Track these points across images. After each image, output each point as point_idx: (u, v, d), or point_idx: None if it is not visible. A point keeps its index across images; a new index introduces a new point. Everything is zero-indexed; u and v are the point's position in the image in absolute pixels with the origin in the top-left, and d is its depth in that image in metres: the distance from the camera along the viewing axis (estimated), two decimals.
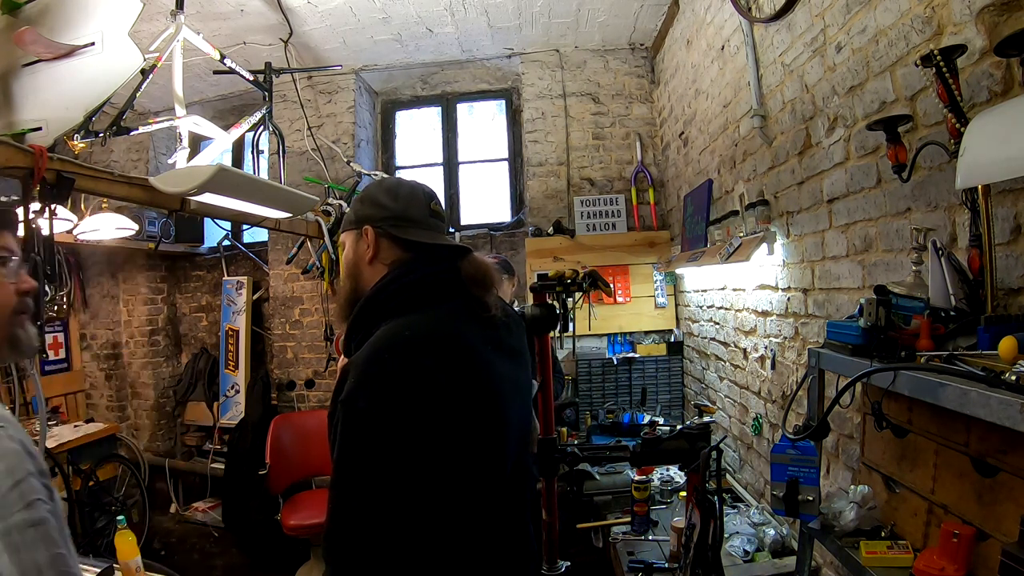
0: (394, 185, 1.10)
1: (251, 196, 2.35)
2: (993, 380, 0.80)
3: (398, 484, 0.84)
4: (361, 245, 1.05)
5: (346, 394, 0.87)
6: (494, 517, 0.96)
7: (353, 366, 0.89)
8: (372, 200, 1.07)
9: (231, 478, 3.64)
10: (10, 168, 1.69)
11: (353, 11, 3.25)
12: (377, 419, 0.84)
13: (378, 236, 1.04)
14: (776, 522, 2.02)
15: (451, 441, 0.88)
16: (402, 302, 0.97)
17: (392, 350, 0.89)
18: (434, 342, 0.92)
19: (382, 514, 0.83)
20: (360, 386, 0.86)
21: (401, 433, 0.84)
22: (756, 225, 2.15)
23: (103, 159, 4.20)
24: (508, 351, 1.05)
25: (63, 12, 1.94)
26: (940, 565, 1.05)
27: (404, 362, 0.87)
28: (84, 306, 4.39)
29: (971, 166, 0.92)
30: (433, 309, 0.97)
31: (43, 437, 1.70)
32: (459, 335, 0.96)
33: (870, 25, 1.45)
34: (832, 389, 1.25)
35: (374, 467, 0.84)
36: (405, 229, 1.04)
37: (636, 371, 3.54)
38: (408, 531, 0.84)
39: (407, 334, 0.91)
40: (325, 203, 3.47)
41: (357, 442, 0.85)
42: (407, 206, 1.06)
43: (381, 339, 0.91)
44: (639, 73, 3.88)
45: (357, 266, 1.06)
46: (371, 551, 0.83)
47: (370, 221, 1.05)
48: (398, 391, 0.85)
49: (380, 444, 0.84)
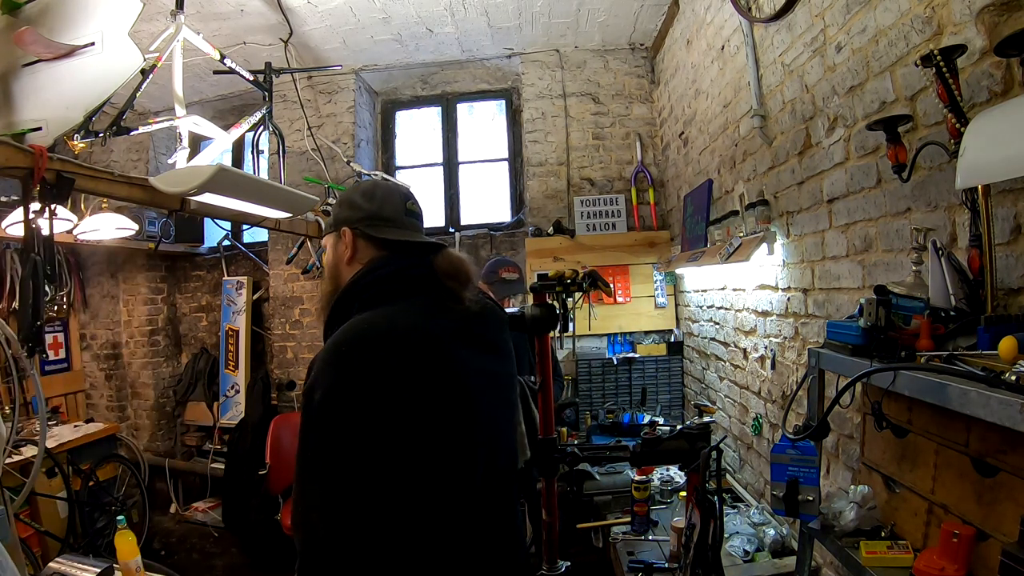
0: (370, 187, 1.12)
1: (251, 196, 2.35)
2: (993, 380, 0.80)
3: (352, 474, 0.84)
4: (340, 246, 1.09)
5: (305, 386, 0.90)
6: (465, 514, 0.95)
7: (317, 358, 0.91)
8: (349, 202, 1.11)
9: (231, 478, 3.64)
10: (10, 168, 1.69)
11: (353, 11, 3.25)
12: (332, 410, 0.86)
13: (355, 236, 1.07)
14: (776, 522, 2.02)
15: (409, 432, 0.87)
16: (372, 296, 0.99)
17: (349, 343, 0.90)
18: (394, 334, 0.92)
19: (338, 504, 0.84)
20: (317, 378, 0.88)
21: (356, 424, 0.85)
22: (756, 225, 2.15)
23: (103, 159, 4.20)
24: (482, 344, 1.05)
25: (63, 12, 1.93)
26: (940, 565, 1.05)
27: (360, 354, 0.88)
28: (84, 306, 4.39)
29: (971, 166, 0.92)
30: (401, 302, 0.98)
31: (43, 437, 1.70)
32: (422, 328, 0.96)
33: (870, 25, 1.45)
34: (832, 389, 1.25)
35: (329, 457, 0.85)
36: (380, 228, 1.07)
37: (636, 371, 3.54)
38: (365, 522, 0.84)
39: (366, 327, 0.93)
40: (325, 203, 3.47)
41: (313, 433, 0.87)
42: (382, 206, 1.09)
43: (342, 332, 0.92)
44: (639, 73, 3.88)
45: (337, 267, 1.09)
46: (331, 544, 0.84)
47: (347, 222, 1.08)
48: (353, 382, 0.86)
49: (334, 435, 0.85)
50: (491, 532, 1.00)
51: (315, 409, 0.87)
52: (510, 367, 1.14)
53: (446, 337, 0.97)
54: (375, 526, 0.85)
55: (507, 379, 1.13)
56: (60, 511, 3.13)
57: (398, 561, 0.87)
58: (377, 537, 0.85)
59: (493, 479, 1.01)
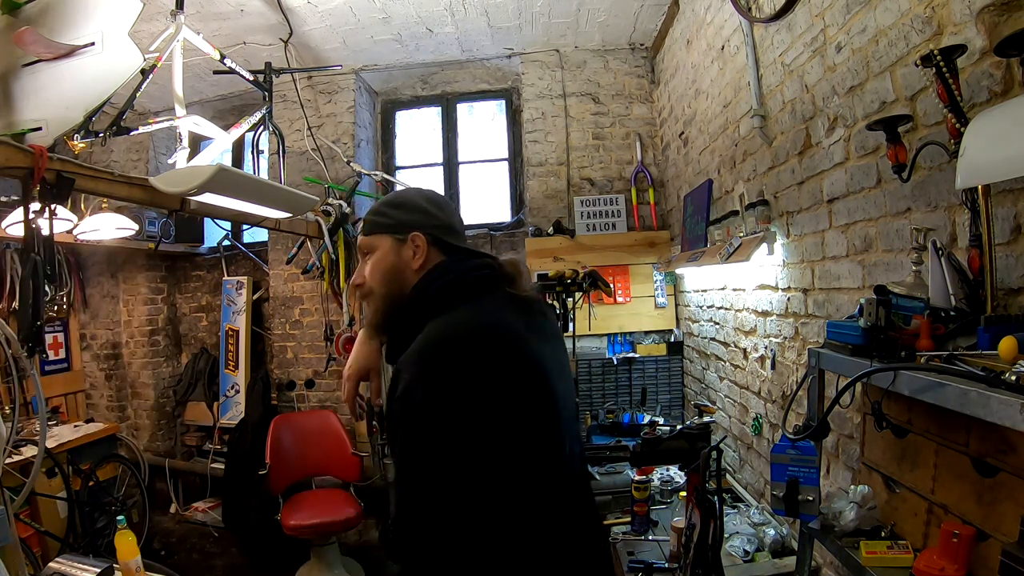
0: (435, 196, 1.14)
1: (251, 196, 2.35)
2: (993, 380, 0.80)
3: (463, 474, 0.84)
4: (406, 251, 1.05)
5: (402, 390, 0.87)
6: (561, 503, 0.97)
7: (406, 363, 0.90)
8: (417, 207, 1.09)
9: (231, 478, 3.64)
10: (10, 168, 1.69)
11: (353, 11, 3.25)
12: (436, 411, 0.85)
13: (429, 244, 1.06)
14: (776, 522, 2.01)
15: (510, 427, 0.89)
16: (446, 299, 0.99)
17: (444, 343, 0.91)
18: (484, 333, 0.94)
19: (450, 506, 0.84)
20: (416, 380, 0.87)
21: (461, 423, 0.85)
22: (756, 225, 2.15)
23: (103, 159, 4.20)
24: (546, 334, 1.07)
25: (63, 12, 1.93)
26: (940, 565, 1.05)
27: (457, 353, 0.89)
28: (84, 306, 4.39)
29: (971, 166, 0.92)
30: (476, 302, 1.00)
31: (43, 437, 1.70)
32: (505, 324, 0.98)
33: (870, 25, 1.45)
34: (832, 389, 1.25)
35: (437, 459, 0.85)
36: (454, 238, 1.09)
37: (636, 371, 3.54)
38: (478, 522, 0.85)
39: (457, 327, 0.93)
40: (325, 203, 3.47)
41: (418, 436, 0.86)
42: (452, 217, 1.11)
43: (432, 334, 0.93)
44: (639, 73, 3.87)
45: (401, 272, 1.05)
46: (442, 544, 0.83)
47: (419, 228, 1.06)
48: (454, 382, 0.86)
49: (441, 436, 0.85)
50: (581, 517, 1.03)
51: (419, 412, 0.86)
52: (566, 354, 1.19)
53: (523, 331, 0.99)
54: (483, 524, 0.86)
55: (568, 365, 1.17)
56: (60, 511, 3.12)
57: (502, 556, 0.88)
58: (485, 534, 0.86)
59: (575, 464, 1.04)
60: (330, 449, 3.55)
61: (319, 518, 3.12)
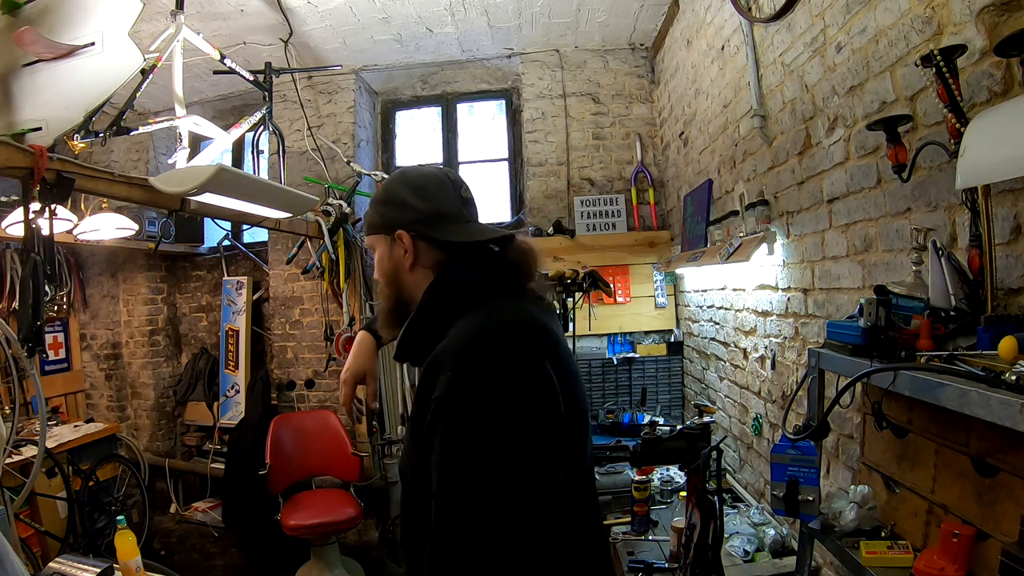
0: (419, 180, 1.01)
1: (251, 196, 2.35)
2: (993, 380, 0.80)
3: (511, 478, 0.79)
4: (397, 251, 1.00)
5: (444, 388, 0.82)
6: (583, 507, 0.95)
7: (445, 361, 0.85)
8: (398, 201, 1.00)
9: (231, 478, 3.64)
10: (10, 168, 1.69)
11: (353, 11, 3.25)
12: (484, 410, 0.80)
13: (415, 240, 0.98)
14: (776, 522, 2.02)
15: (552, 430, 0.84)
16: (467, 299, 0.94)
17: (488, 340, 0.86)
18: (524, 329, 0.89)
19: (497, 510, 0.78)
20: (462, 378, 0.82)
21: (510, 423, 0.80)
22: (756, 225, 2.15)
23: (103, 159, 4.20)
24: (562, 333, 1.04)
25: (63, 12, 1.93)
26: (940, 565, 1.05)
27: (502, 350, 0.84)
28: (84, 306, 4.38)
29: (971, 166, 0.92)
30: (503, 300, 0.95)
31: (43, 437, 1.70)
32: (536, 321, 0.93)
33: (870, 25, 1.45)
34: (832, 389, 1.25)
35: (486, 462, 0.79)
36: (442, 228, 0.98)
37: (636, 371, 3.54)
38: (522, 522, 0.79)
39: (496, 324, 0.88)
40: (325, 203, 3.47)
41: (468, 431, 0.80)
42: (439, 202, 0.99)
43: (470, 332, 0.88)
44: (639, 73, 3.87)
45: (397, 273, 1.01)
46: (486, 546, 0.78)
47: (402, 225, 0.98)
48: (502, 380, 0.81)
49: (490, 436, 0.79)
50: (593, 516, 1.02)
51: (468, 407, 0.80)
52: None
53: (553, 328, 0.96)
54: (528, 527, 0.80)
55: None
56: (60, 511, 3.13)
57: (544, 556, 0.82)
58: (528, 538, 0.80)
59: (592, 472, 1.04)
60: (330, 449, 3.55)
61: (319, 518, 3.12)
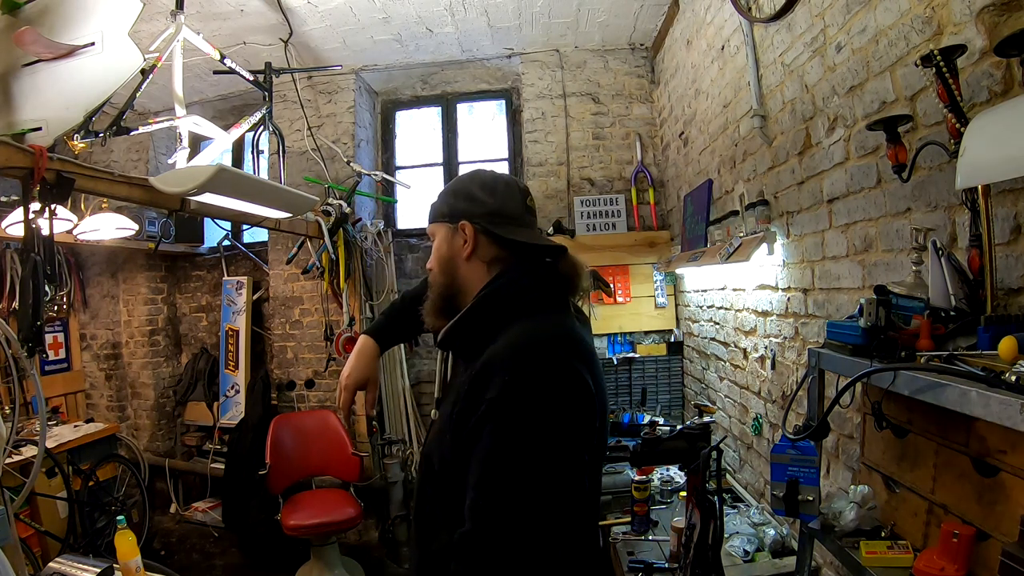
0: (490, 179, 1.08)
1: (251, 196, 2.35)
2: (993, 380, 0.80)
3: (555, 479, 0.85)
4: (457, 240, 1.04)
5: (500, 390, 0.86)
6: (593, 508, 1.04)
7: (501, 365, 0.89)
8: (467, 194, 1.06)
9: (231, 478, 3.64)
10: (10, 168, 1.69)
11: (353, 11, 3.25)
12: (537, 414, 0.85)
13: (477, 232, 1.03)
14: (776, 522, 2.02)
15: (590, 436, 0.92)
16: (523, 304, 0.98)
17: (542, 349, 0.91)
18: (573, 344, 0.96)
19: (540, 508, 0.84)
20: (518, 383, 0.86)
21: (558, 428, 0.86)
22: (756, 225, 2.15)
23: (103, 159, 4.20)
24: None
25: (63, 12, 1.93)
26: (940, 565, 1.05)
27: (555, 361, 0.90)
28: (84, 306, 4.38)
29: (971, 166, 0.92)
30: (555, 313, 1.01)
31: (43, 437, 1.70)
32: (583, 339, 1.01)
33: (870, 25, 1.45)
34: (832, 389, 1.25)
35: (535, 462, 0.84)
36: (504, 226, 1.04)
37: (636, 371, 3.54)
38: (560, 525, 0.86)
39: (550, 335, 0.95)
40: (325, 203, 3.47)
41: (518, 438, 0.85)
42: (504, 202, 1.05)
43: (527, 339, 0.92)
44: (639, 73, 3.87)
45: (453, 261, 1.05)
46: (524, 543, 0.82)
47: (467, 216, 1.03)
48: (554, 388, 0.87)
49: (541, 439, 0.85)
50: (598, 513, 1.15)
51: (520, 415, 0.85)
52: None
53: (592, 345, 1.04)
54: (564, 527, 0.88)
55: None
56: (60, 511, 3.13)
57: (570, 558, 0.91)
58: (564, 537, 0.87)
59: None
60: (330, 449, 3.55)
61: (319, 518, 3.12)
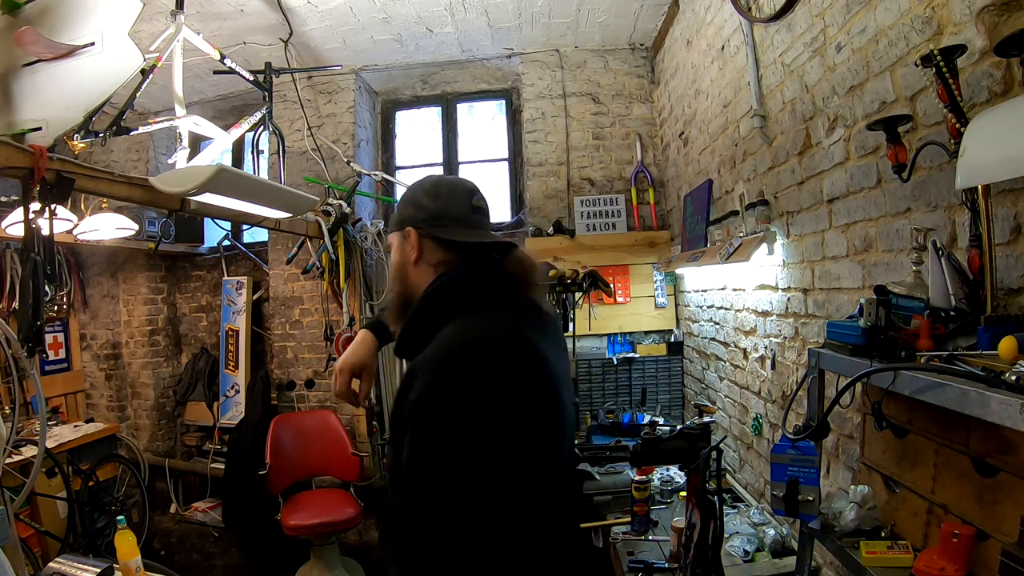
0: (434, 184, 1.10)
1: (251, 196, 2.35)
2: (993, 380, 0.80)
3: (470, 480, 0.84)
4: (406, 247, 1.07)
5: (419, 392, 0.87)
6: (556, 508, 0.99)
7: (423, 365, 0.90)
8: (413, 201, 1.08)
9: (231, 478, 3.64)
10: (10, 168, 1.69)
11: (353, 11, 3.25)
12: (449, 416, 0.85)
13: (420, 237, 1.05)
14: (776, 522, 2.01)
15: (520, 438, 0.89)
16: (461, 303, 0.99)
17: (462, 349, 0.91)
18: (502, 341, 0.94)
19: (457, 510, 0.84)
20: (433, 385, 0.87)
21: (475, 430, 0.85)
22: (756, 225, 2.15)
23: (103, 159, 4.20)
24: (556, 343, 1.09)
25: (63, 12, 1.93)
26: (940, 565, 1.05)
27: (476, 361, 0.90)
28: (84, 306, 4.39)
29: (971, 166, 0.92)
30: (494, 310, 0.99)
31: (43, 437, 1.70)
32: (521, 333, 0.99)
33: (870, 25, 1.45)
34: (832, 389, 1.25)
35: (447, 464, 0.84)
36: (446, 228, 1.05)
37: (636, 371, 3.54)
38: (482, 527, 0.85)
39: (475, 333, 0.93)
40: (325, 203, 3.47)
41: (430, 439, 0.86)
42: (447, 204, 1.06)
43: (450, 339, 0.93)
44: (639, 73, 3.87)
45: (403, 268, 1.08)
46: (445, 548, 0.83)
47: (412, 222, 1.06)
48: (471, 389, 0.87)
49: (453, 441, 0.85)
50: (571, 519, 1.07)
51: (435, 416, 0.86)
52: (568, 359, 1.20)
53: (539, 344, 0.99)
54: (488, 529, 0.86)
55: (568, 371, 1.17)
56: (60, 511, 3.13)
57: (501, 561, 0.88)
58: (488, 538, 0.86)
59: (570, 476, 1.09)
60: (330, 449, 3.55)
61: (319, 518, 3.12)
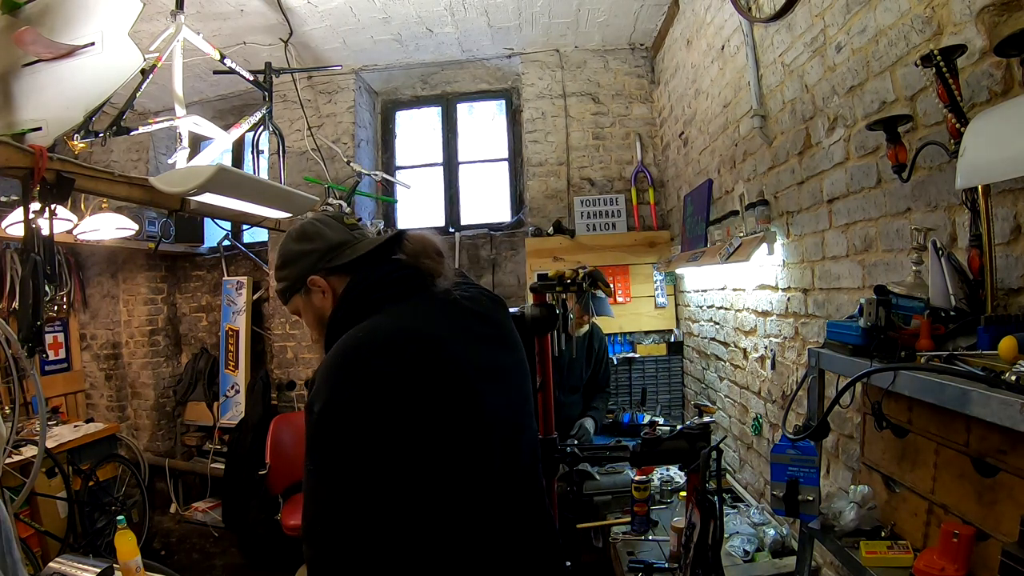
0: (299, 231, 1.09)
1: (251, 196, 2.35)
2: (993, 380, 0.80)
3: (362, 484, 0.84)
4: (316, 298, 1.05)
5: (309, 399, 0.90)
6: (487, 512, 0.94)
7: (317, 373, 0.92)
8: (294, 257, 1.07)
9: (231, 478, 3.64)
10: (10, 168, 1.69)
11: (353, 11, 3.25)
12: (339, 419, 0.86)
13: (326, 277, 1.04)
14: (776, 522, 2.02)
15: (415, 437, 0.86)
16: (361, 310, 0.98)
17: (343, 355, 0.90)
18: (388, 341, 0.91)
19: (347, 513, 0.84)
20: (316, 392, 0.89)
21: (360, 434, 0.85)
22: (756, 225, 2.15)
23: (103, 159, 4.20)
24: (485, 338, 1.03)
25: (63, 12, 1.94)
26: (940, 565, 1.05)
27: (354, 365, 0.88)
28: (84, 306, 4.39)
29: (971, 166, 0.92)
30: (393, 307, 0.98)
31: (43, 437, 1.71)
32: (417, 329, 0.95)
33: (870, 25, 1.45)
34: (832, 389, 1.25)
35: (337, 469, 0.85)
36: (340, 255, 1.04)
37: (636, 371, 3.54)
38: (378, 530, 0.84)
39: (359, 337, 0.92)
40: (325, 203, 3.47)
41: (316, 446, 0.87)
42: (325, 237, 1.06)
43: (339, 344, 0.93)
44: (639, 73, 3.88)
45: (324, 317, 1.05)
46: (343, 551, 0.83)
47: (309, 272, 1.05)
48: (350, 393, 0.86)
49: (345, 444, 0.85)
50: (519, 528, 1.00)
51: (317, 422, 0.87)
52: (519, 355, 1.12)
53: (444, 335, 0.95)
54: (388, 533, 0.85)
55: (517, 369, 1.10)
56: (60, 511, 3.13)
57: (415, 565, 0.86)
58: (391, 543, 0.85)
59: (515, 475, 1.01)
60: None
61: None
